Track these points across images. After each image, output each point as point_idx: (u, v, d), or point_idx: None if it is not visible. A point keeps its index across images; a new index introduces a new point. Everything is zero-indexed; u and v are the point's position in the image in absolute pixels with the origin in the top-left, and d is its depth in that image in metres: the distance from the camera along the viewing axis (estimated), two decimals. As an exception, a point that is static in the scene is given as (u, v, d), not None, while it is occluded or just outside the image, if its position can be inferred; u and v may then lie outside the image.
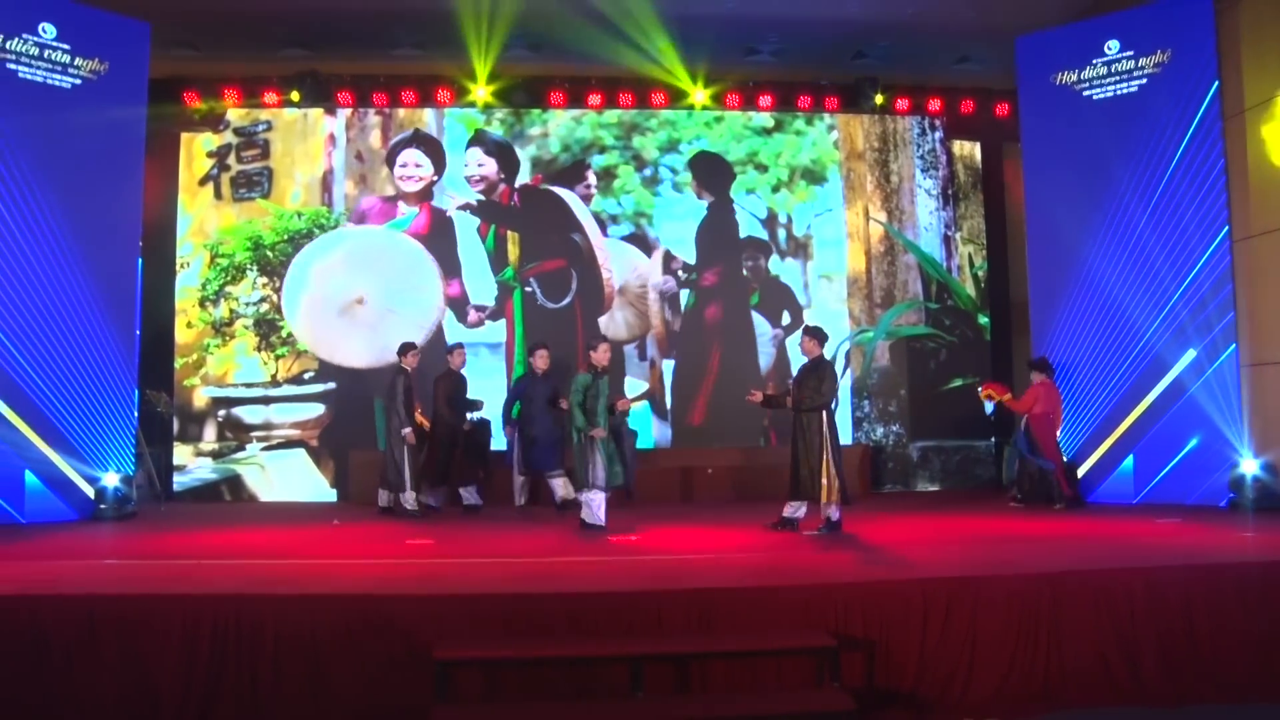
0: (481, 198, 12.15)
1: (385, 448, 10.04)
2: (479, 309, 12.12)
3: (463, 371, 10.12)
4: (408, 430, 9.55)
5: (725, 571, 6.31)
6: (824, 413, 8.04)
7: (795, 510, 8.18)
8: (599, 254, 12.27)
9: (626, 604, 5.39)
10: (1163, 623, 5.60)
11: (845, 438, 12.11)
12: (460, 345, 10.37)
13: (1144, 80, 10.10)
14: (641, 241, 12.23)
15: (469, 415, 10.08)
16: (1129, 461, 9.96)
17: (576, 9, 10.56)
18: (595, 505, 8.26)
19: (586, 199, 12.31)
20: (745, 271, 12.31)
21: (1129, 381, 10.01)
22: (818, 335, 8.36)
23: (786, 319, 12.23)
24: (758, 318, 12.23)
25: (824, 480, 7.95)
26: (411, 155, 12.21)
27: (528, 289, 12.14)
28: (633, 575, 6.17)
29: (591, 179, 12.34)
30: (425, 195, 12.18)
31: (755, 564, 6.62)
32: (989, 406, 10.74)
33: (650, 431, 11.95)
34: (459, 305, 12.09)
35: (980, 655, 5.47)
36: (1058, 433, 10.06)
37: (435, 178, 12.22)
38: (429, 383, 10.03)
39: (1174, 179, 9.76)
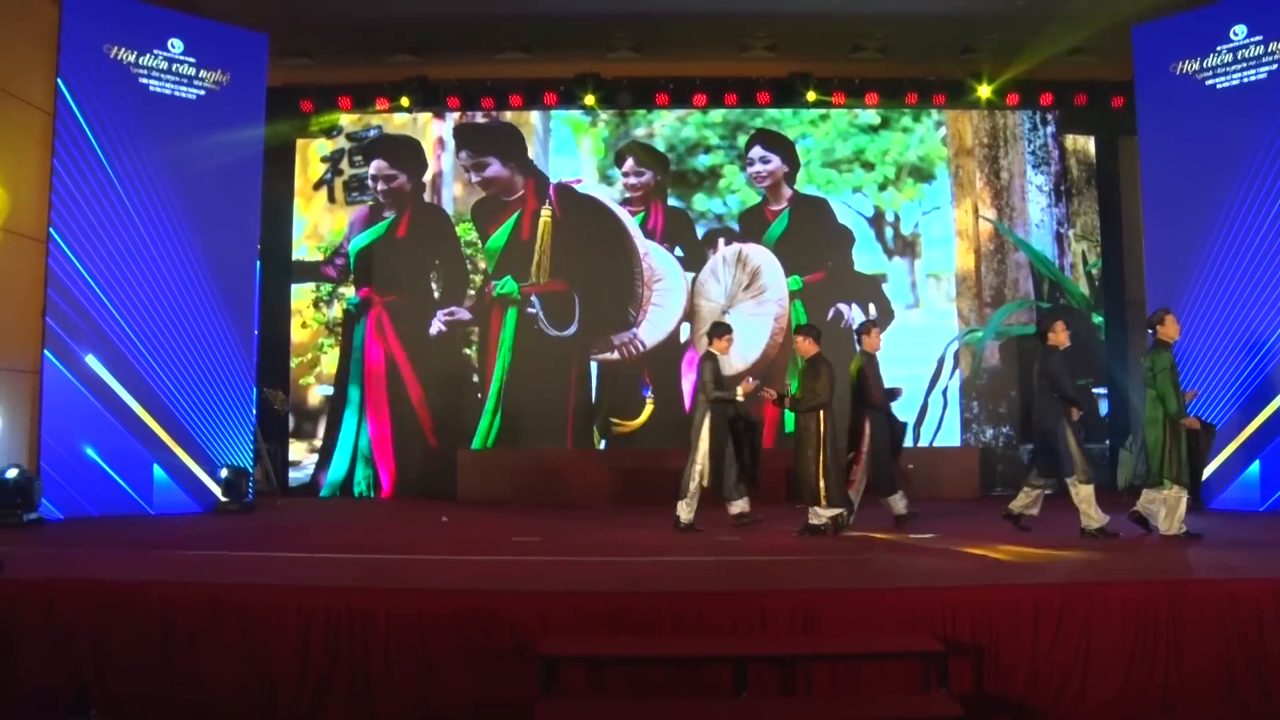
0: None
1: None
2: (449, 313, 12.03)
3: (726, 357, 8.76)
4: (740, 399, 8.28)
5: (830, 573, 6.25)
6: (820, 413, 7.82)
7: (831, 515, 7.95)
8: (645, 271, 11.99)
9: (731, 604, 5.37)
10: (1296, 636, 5.33)
11: (953, 439, 11.90)
12: (729, 328, 8.85)
13: (1274, 66, 9.63)
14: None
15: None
16: (1255, 467, 9.51)
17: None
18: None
19: (627, 188, 12.24)
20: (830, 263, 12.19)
21: (1255, 383, 9.55)
22: (813, 334, 8.10)
23: (874, 312, 12.04)
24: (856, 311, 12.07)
25: (821, 484, 7.78)
26: (380, 165, 12.30)
27: (530, 309, 12.04)
28: (738, 575, 6.16)
29: (629, 165, 12.26)
30: (403, 199, 12.26)
31: (861, 566, 6.54)
32: None
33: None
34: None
35: (1094, 665, 5.28)
36: None
37: (408, 182, 12.28)
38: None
39: (1307, 169, 9.30)
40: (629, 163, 12.29)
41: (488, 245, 12.16)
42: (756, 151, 12.25)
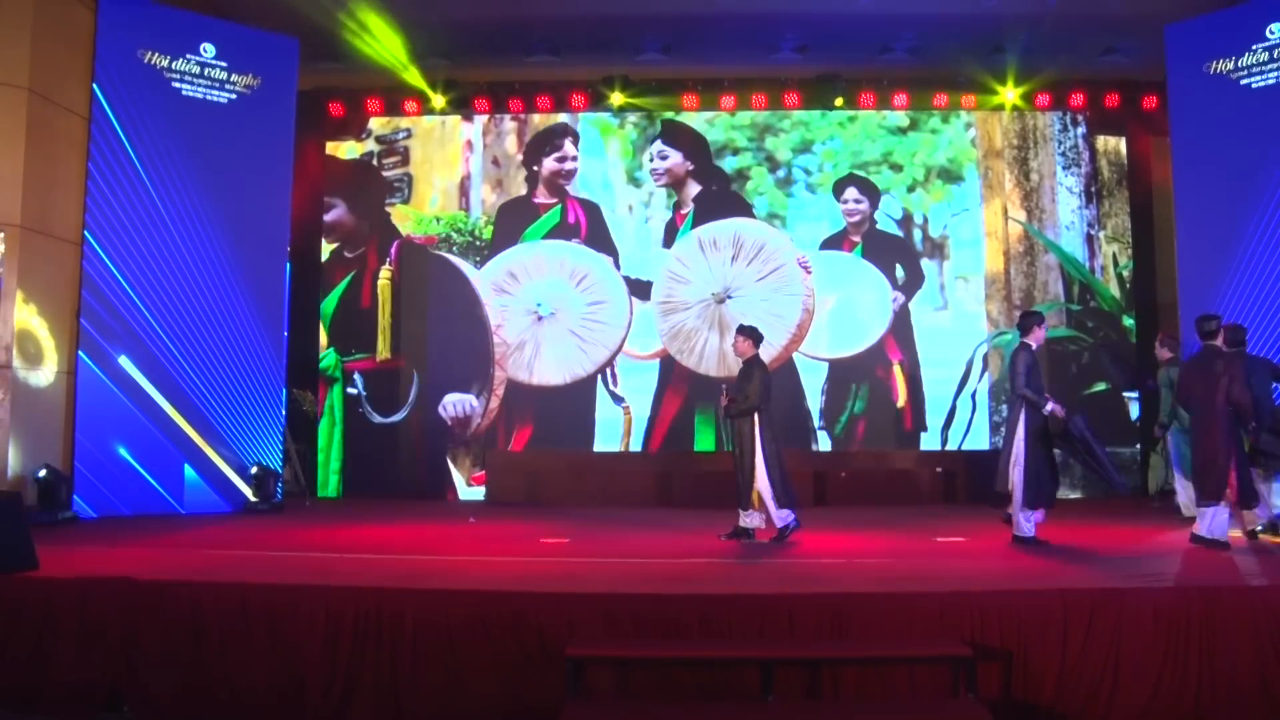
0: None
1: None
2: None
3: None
4: (1052, 406, 7.33)
5: (858, 576, 6.22)
6: (754, 417, 7.68)
7: (749, 519, 7.84)
8: (496, 348, 11.59)
9: (758, 607, 5.36)
10: (1332, 644, 5.24)
11: (981, 442, 11.81)
12: (1041, 317, 7.85)
13: (1310, 65, 9.52)
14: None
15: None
16: (1290, 472, 9.38)
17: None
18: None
19: (561, 175, 12.14)
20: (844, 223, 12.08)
21: (1290, 388, 9.42)
22: (752, 335, 7.91)
23: (901, 274, 11.99)
24: (877, 274, 11.99)
25: (754, 490, 7.69)
26: None
27: (351, 389, 11.71)
28: (765, 578, 6.15)
29: (568, 149, 12.18)
30: None
31: (889, 569, 6.51)
32: None
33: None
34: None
35: (1125, 672, 5.23)
36: None
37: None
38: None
39: (1344, 168, 9.15)
40: (566, 146, 12.23)
41: (321, 307, 11.92)
42: (656, 147, 12.17)
